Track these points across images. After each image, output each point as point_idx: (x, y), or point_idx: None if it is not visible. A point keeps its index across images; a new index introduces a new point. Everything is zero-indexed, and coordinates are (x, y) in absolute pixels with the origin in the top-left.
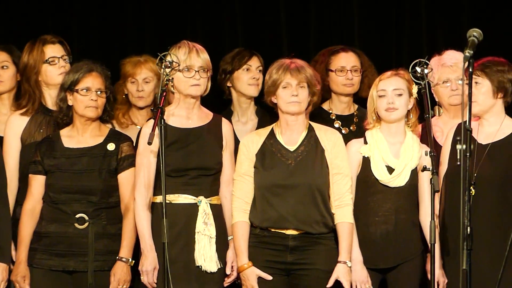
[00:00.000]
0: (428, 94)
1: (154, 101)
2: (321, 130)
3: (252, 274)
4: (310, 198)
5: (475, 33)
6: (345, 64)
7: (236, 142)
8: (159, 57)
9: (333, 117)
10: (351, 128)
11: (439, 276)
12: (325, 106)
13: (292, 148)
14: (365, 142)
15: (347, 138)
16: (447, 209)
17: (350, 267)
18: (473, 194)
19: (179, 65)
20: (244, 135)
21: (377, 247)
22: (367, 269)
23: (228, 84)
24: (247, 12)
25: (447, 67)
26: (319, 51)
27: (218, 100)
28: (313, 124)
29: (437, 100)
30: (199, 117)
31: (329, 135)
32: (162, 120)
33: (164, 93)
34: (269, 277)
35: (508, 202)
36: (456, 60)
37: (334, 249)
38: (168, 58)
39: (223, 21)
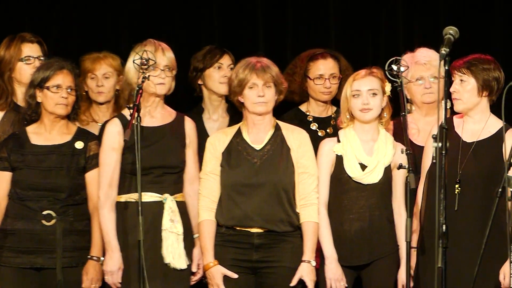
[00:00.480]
0: (404, 92)
1: (122, 98)
2: (288, 129)
3: (218, 273)
4: (275, 197)
5: (451, 31)
6: (323, 72)
7: (206, 139)
8: (135, 54)
9: (310, 119)
10: (327, 130)
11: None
12: (303, 108)
13: (258, 147)
14: (338, 141)
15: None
16: (430, 205)
17: (314, 266)
18: (458, 192)
19: (155, 62)
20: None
21: (351, 244)
22: (341, 267)
23: (199, 81)
24: (224, 11)
25: (420, 64)
26: (295, 50)
27: (189, 97)
28: (280, 123)
29: (409, 97)
30: (163, 115)
31: (296, 134)
32: (138, 118)
33: (141, 91)
34: (235, 275)
35: (492, 200)
36: (430, 58)
37: (300, 246)
38: (145, 56)
39: (200, 19)
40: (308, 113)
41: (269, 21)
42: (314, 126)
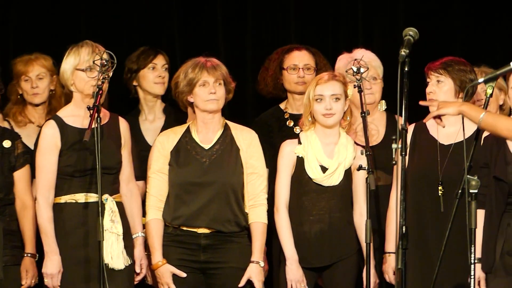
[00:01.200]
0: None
1: (56, 99)
2: (237, 129)
3: (167, 272)
4: (223, 196)
5: (411, 32)
6: (298, 62)
7: (143, 141)
8: (95, 55)
9: (287, 117)
10: None
11: (372, 276)
12: (282, 105)
13: (207, 146)
14: (299, 143)
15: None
16: (411, 208)
17: (262, 267)
18: (441, 194)
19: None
20: (152, 134)
21: (311, 246)
22: (302, 268)
23: (134, 83)
24: (183, 12)
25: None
26: (255, 51)
27: (126, 99)
28: (229, 123)
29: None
30: None
31: (245, 134)
32: (99, 119)
33: (101, 92)
34: (183, 274)
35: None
36: (368, 58)
37: (247, 246)
38: (105, 57)
39: (160, 21)
40: (286, 110)
41: (228, 22)
42: (291, 124)
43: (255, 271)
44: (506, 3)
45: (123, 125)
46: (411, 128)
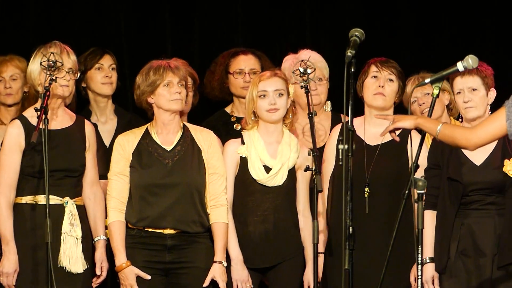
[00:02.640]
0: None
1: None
2: (196, 130)
3: (131, 274)
4: (188, 197)
5: (357, 33)
6: (244, 67)
7: (97, 143)
8: (40, 56)
9: (234, 120)
10: None
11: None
12: (228, 109)
13: (168, 147)
14: (243, 142)
15: None
16: (335, 209)
17: (226, 267)
18: (367, 195)
19: (62, 64)
20: (105, 136)
21: (256, 246)
22: (247, 269)
23: (83, 84)
24: (132, 15)
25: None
26: (202, 54)
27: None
28: (188, 125)
29: (292, 99)
30: (63, 118)
31: (205, 135)
32: (46, 120)
33: (48, 93)
34: (148, 277)
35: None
36: (315, 60)
37: (211, 247)
38: (52, 58)
39: (108, 25)
40: (232, 114)
41: (176, 23)
42: (238, 127)
43: (218, 271)
44: (452, 6)
45: (89, 128)
46: (338, 128)
